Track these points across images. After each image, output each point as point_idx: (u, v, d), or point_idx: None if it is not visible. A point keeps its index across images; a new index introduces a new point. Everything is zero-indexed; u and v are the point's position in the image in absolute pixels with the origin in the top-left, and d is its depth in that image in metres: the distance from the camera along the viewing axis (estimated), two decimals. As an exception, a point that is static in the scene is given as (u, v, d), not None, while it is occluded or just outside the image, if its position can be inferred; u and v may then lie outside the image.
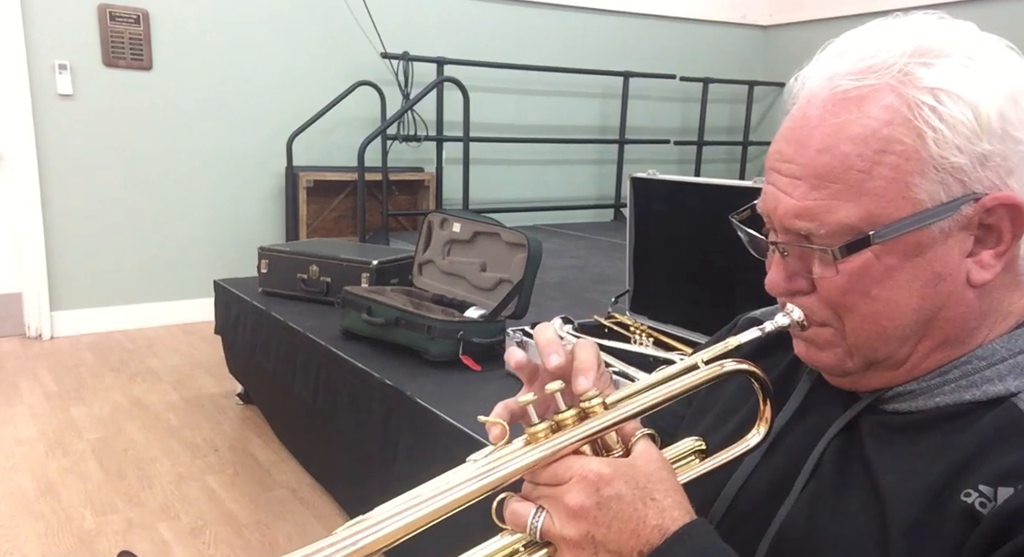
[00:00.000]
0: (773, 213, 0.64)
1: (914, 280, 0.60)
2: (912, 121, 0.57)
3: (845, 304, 0.62)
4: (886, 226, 0.58)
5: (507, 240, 2.24)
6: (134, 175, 4.02)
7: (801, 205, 0.61)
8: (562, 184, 5.44)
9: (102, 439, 2.74)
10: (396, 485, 0.64)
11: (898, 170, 0.58)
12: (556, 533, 0.58)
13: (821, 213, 0.60)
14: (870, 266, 0.60)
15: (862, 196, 0.59)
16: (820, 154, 0.60)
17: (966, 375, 0.62)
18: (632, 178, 2.12)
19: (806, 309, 0.66)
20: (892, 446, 0.63)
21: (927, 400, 0.63)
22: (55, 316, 3.93)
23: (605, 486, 0.57)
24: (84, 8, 3.79)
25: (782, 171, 0.63)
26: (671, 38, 5.66)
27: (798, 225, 0.61)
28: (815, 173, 0.60)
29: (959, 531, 0.55)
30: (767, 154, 0.66)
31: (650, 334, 2.02)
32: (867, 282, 0.61)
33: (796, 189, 0.61)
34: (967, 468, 0.58)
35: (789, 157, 0.62)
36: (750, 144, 6.02)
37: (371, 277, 2.64)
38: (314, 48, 4.37)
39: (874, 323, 0.62)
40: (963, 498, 0.56)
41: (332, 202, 4.43)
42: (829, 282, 0.62)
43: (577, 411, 0.62)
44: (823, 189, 0.60)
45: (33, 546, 2.08)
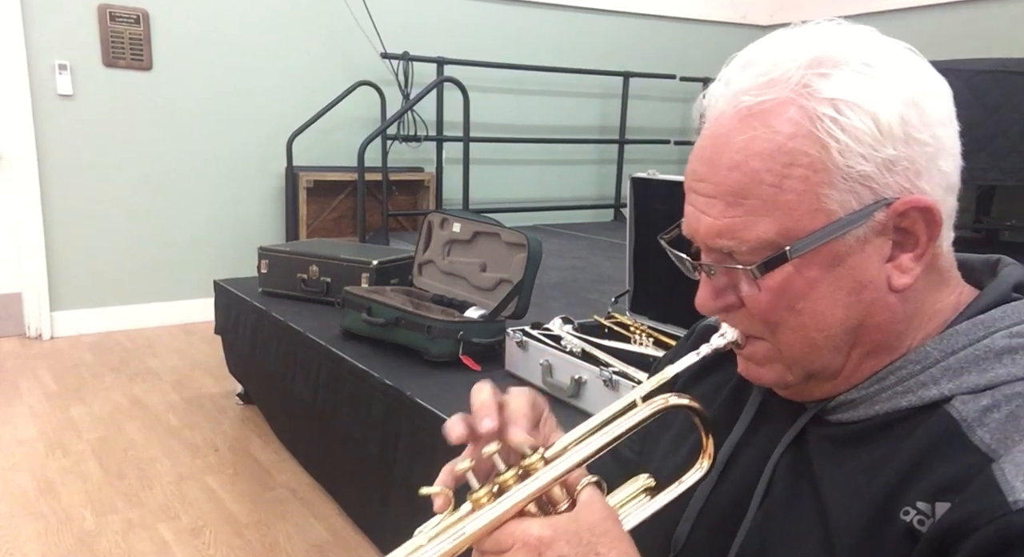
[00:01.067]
0: (695, 233, 0.64)
1: (837, 290, 0.60)
2: (815, 133, 0.58)
3: (774, 319, 0.63)
4: (801, 239, 0.59)
5: (507, 240, 2.24)
6: (134, 175, 4.02)
7: (720, 223, 0.61)
8: (562, 184, 5.44)
9: (102, 439, 2.74)
10: (396, 485, 0.64)
11: (807, 182, 0.58)
12: None
13: (739, 230, 0.60)
14: (791, 280, 0.60)
15: (776, 210, 0.59)
16: (731, 171, 0.60)
17: (902, 381, 0.62)
18: (632, 178, 2.12)
19: (739, 324, 0.66)
20: (837, 460, 0.63)
21: (867, 408, 0.63)
22: (55, 316, 3.93)
23: (547, 549, 0.56)
24: (84, 8, 3.79)
25: (698, 191, 0.63)
26: (671, 38, 5.66)
27: (719, 243, 0.62)
28: (728, 190, 0.60)
29: (899, 552, 0.55)
30: (685, 174, 0.66)
31: (650, 334, 2.02)
32: (791, 297, 0.61)
33: (713, 208, 0.62)
34: (905, 483, 0.57)
35: (703, 176, 0.63)
36: (750, 144, 6.02)
37: (371, 277, 2.64)
38: (314, 48, 4.37)
39: (804, 336, 0.62)
40: (902, 516, 0.56)
41: (332, 202, 4.43)
42: (755, 299, 0.63)
43: (517, 470, 0.61)
44: (738, 206, 0.60)
45: (33, 546, 2.08)
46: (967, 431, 0.57)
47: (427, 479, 0.66)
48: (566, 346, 1.87)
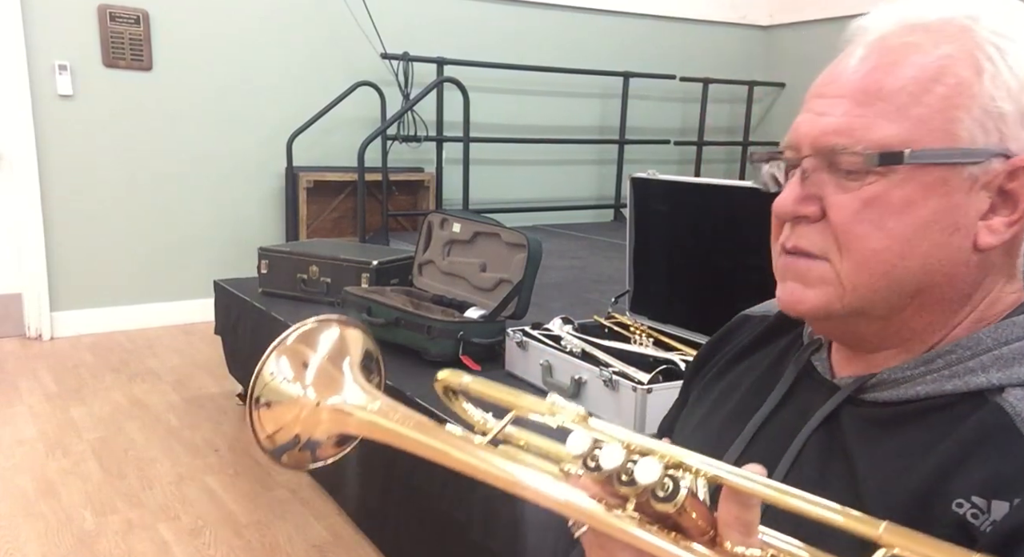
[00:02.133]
0: (805, 137, 0.63)
1: (932, 222, 0.59)
2: (974, 54, 0.58)
3: (856, 233, 0.60)
4: (922, 150, 0.58)
5: (507, 240, 2.24)
6: (134, 175, 4.02)
7: (842, 121, 0.60)
8: (562, 184, 5.44)
9: (102, 439, 2.74)
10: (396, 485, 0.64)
11: (947, 101, 0.58)
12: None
13: (860, 129, 0.59)
14: (892, 193, 0.59)
15: (905, 119, 0.58)
16: (873, 71, 0.60)
17: (949, 365, 0.61)
18: (632, 178, 2.12)
19: (809, 239, 0.64)
20: (874, 441, 0.62)
21: (909, 389, 0.62)
22: (55, 316, 3.93)
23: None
24: (84, 9, 3.79)
25: (826, 94, 0.62)
26: (671, 38, 5.66)
27: (834, 141, 0.60)
28: (863, 90, 0.60)
29: (951, 541, 0.54)
30: (809, 88, 0.65)
31: (650, 334, 2.02)
32: (885, 211, 0.59)
33: (838, 107, 0.61)
34: (953, 473, 0.56)
35: (836, 77, 0.62)
36: (750, 144, 6.02)
37: (371, 277, 2.64)
38: (314, 48, 4.37)
39: (882, 260, 0.60)
40: (955, 508, 0.55)
41: (332, 202, 4.43)
42: (844, 207, 0.61)
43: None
44: (868, 107, 0.59)
45: (33, 546, 2.08)
46: (1022, 426, 0.56)
47: (427, 478, 0.66)
48: (566, 346, 1.87)
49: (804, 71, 6.11)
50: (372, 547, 2.11)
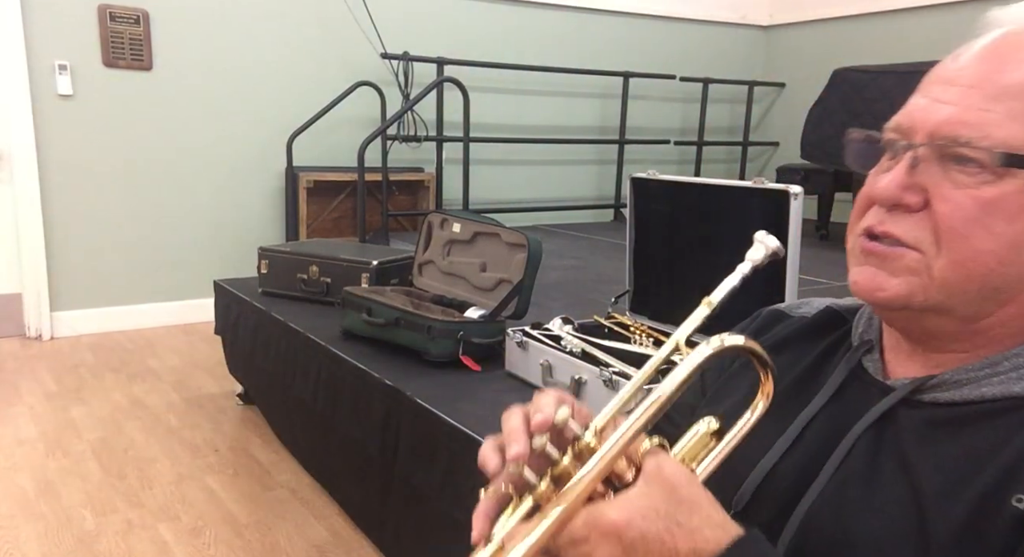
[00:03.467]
0: (923, 122, 0.60)
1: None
2: None
3: (962, 231, 0.58)
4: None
5: (507, 240, 2.24)
6: (134, 175, 4.02)
7: (970, 113, 0.57)
8: (562, 184, 5.44)
9: (102, 439, 2.74)
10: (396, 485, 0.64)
11: None
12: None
13: (987, 125, 0.56)
14: (1010, 197, 0.57)
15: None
16: (1007, 65, 0.57)
17: (1016, 368, 0.60)
18: (632, 178, 2.12)
19: (905, 228, 0.61)
20: (934, 442, 0.61)
21: (972, 390, 0.61)
22: (55, 316, 3.93)
23: (625, 531, 0.53)
24: (84, 8, 3.79)
25: (953, 81, 0.59)
26: (671, 38, 5.66)
27: (958, 131, 0.57)
28: (997, 84, 0.57)
29: (1008, 536, 0.54)
30: (932, 70, 0.62)
31: (650, 334, 2.02)
32: (999, 213, 0.57)
33: (967, 98, 0.58)
34: (1018, 471, 0.55)
35: (967, 64, 0.59)
36: (750, 144, 6.02)
37: (371, 277, 2.64)
38: (314, 48, 4.37)
39: (981, 262, 0.58)
40: (1014, 503, 0.54)
41: (332, 202, 4.43)
42: (956, 202, 0.58)
43: (571, 457, 0.58)
44: (999, 102, 0.57)
45: (33, 546, 2.08)
46: None
47: (427, 479, 0.66)
48: (566, 346, 1.87)
49: (804, 71, 6.14)
50: (372, 547, 2.11)
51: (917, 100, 0.62)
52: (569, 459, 0.58)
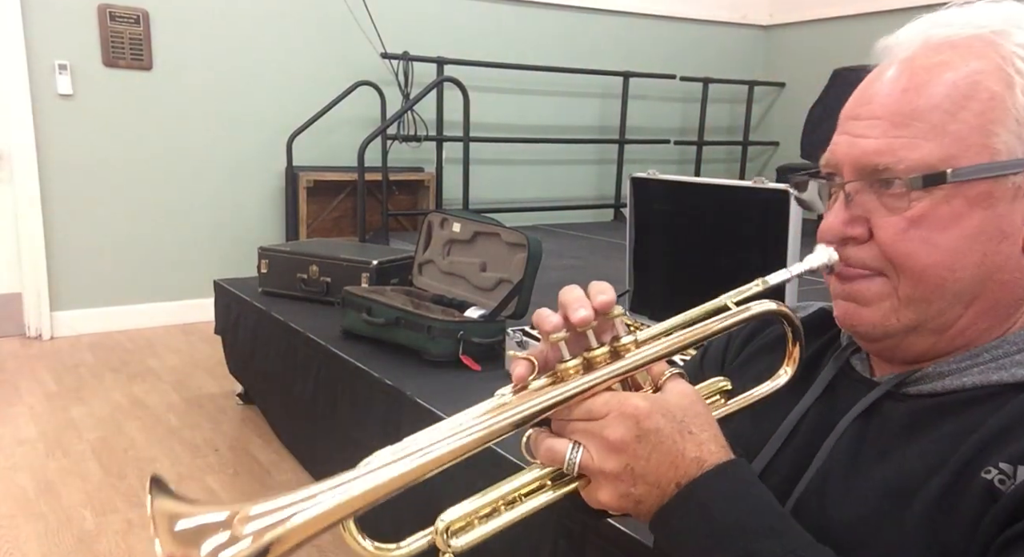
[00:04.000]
0: (845, 158, 0.64)
1: (980, 233, 0.60)
2: (1003, 69, 0.60)
3: (906, 251, 0.62)
4: (964, 168, 0.59)
5: (507, 240, 2.24)
6: (134, 175, 4.02)
7: (881, 142, 0.61)
8: (562, 184, 5.44)
9: (102, 439, 2.74)
10: (396, 485, 0.64)
11: (982, 117, 0.59)
12: (595, 467, 0.59)
13: (901, 149, 0.60)
14: (938, 210, 0.60)
15: (943, 137, 0.60)
16: (906, 93, 0.61)
17: (996, 358, 0.62)
18: (632, 178, 2.12)
19: (860, 258, 0.65)
20: (915, 431, 0.63)
21: (953, 380, 0.64)
22: (55, 316, 3.93)
23: (644, 419, 0.58)
24: (84, 8, 3.79)
25: (861, 116, 0.63)
26: (671, 38, 5.66)
27: (875, 161, 0.62)
28: (899, 111, 0.61)
29: (976, 507, 0.56)
30: (843, 109, 0.66)
31: (650, 334, 2.02)
32: (932, 228, 0.61)
33: (875, 129, 0.62)
34: (989, 447, 0.58)
35: (870, 99, 0.64)
36: (750, 144, 6.02)
37: (371, 277, 2.64)
38: (314, 48, 4.37)
39: (934, 274, 0.61)
40: (983, 475, 0.56)
41: (332, 202, 4.43)
42: (892, 225, 0.62)
43: (609, 349, 0.62)
44: (905, 128, 0.61)
45: (33, 546, 2.08)
46: None
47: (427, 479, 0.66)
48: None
49: (804, 71, 6.12)
50: (372, 547, 2.10)
51: (838, 137, 0.66)
52: (606, 351, 0.62)
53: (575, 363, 0.61)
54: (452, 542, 0.61)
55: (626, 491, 0.58)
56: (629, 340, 0.62)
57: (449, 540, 0.61)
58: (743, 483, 0.58)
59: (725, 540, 0.56)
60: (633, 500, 0.59)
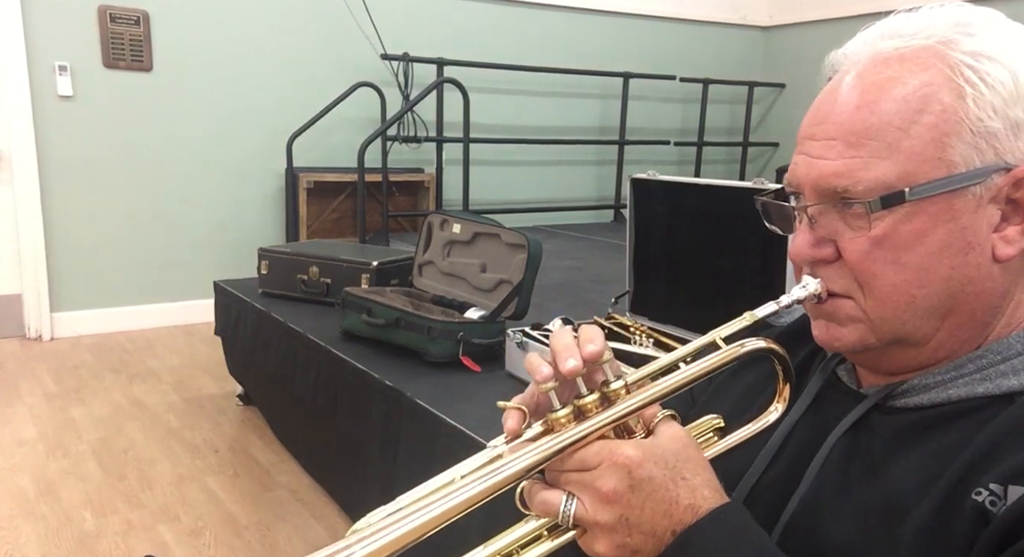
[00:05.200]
0: (805, 179, 0.64)
1: (945, 247, 0.60)
2: (953, 80, 0.59)
3: (872, 271, 0.61)
4: (921, 185, 0.59)
5: (507, 241, 2.24)
6: (134, 176, 4.02)
7: (837, 163, 0.61)
8: (562, 185, 5.45)
9: (102, 440, 2.74)
10: (396, 485, 0.64)
11: (935, 130, 0.59)
12: (590, 519, 0.58)
13: (858, 170, 0.60)
14: (900, 228, 0.60)
15: (898, 154, 0.59)
16: (858, 111, 0.61)
17: (980, 369, 0.62)
18: (632, 179, 2.12)
19: (829, 280, 0.65)
20: (905, 445, 0.63)
21: (939, 393, 0.63)
22: (55, 317, 3.93)
23: (636, 469, 0.57)
24: (84, 9, 3.79)
25: (816, 136, 0.63)
26: (671, 39, 5.66)
27: (833, 184, 0.61)
28: (852, 131, 0.61)
29: (969, 530, 0.55)
30: (800, 127, 0.66)
31: (650, 335, 2.02)
32: (897, 247, 0.60)
33: (831, 150, 0.62)
34: (979, 466, 0.57)
35: (823, 118, 0.63)
36: (750, 145, 6.02)
37: (371, 278, 2.64)
38: (314, 49, 4.37)
39: (903, 293, 0.61)
40: (974, 496, 0.56)
41: (332, 203, 4.43)
42: (857, 247, 0.62)
43: (599, 396, 0.61)
44: (860, 147, 0.60)
45: (33, 547, 2.08)
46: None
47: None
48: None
49: (804, 71, 6.11)
50: (372, 548, 2.10)
51: (796, 157, 0.66)
52: (596, 398, 0.61)
53: (566, 412, 0.61)
54: None
55: (622, 541, 0.58)
56: (619, 385, 0.62)
57: None
58: (738, 528, 0.58)
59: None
60: (630, 550, 0.58)
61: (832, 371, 0.73)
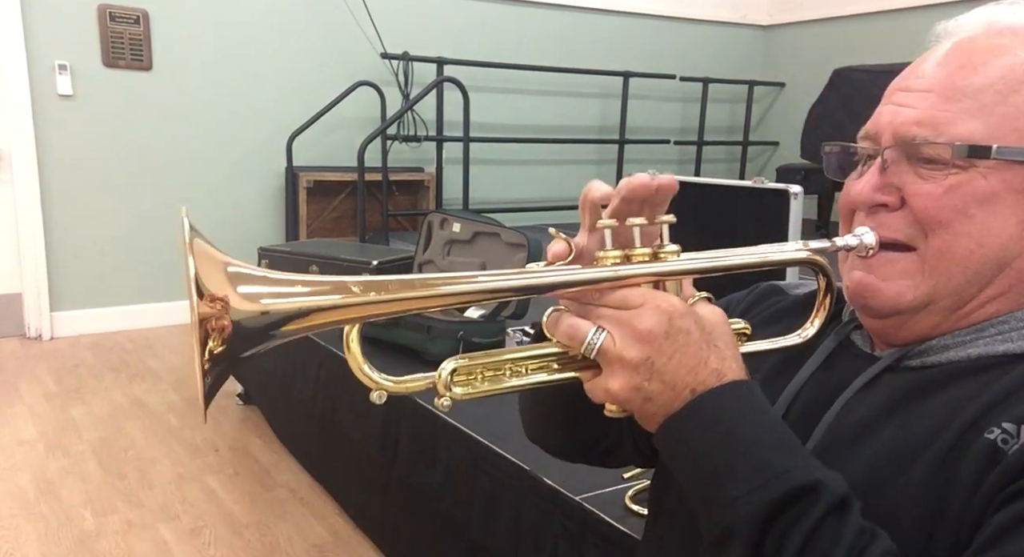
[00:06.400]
0: (887, 127, 0.64)
1: (1011, 216, 0.61)
2: None
3: (940, 219, 0.62)
4: (1008, 147, 0.60)
5: (507, 240, 2.24)
6: (134, 175, 4.02)
7: (926, 113, 0.62)
8: (562, 184, 5.44)
9: (102, 439, 2.74)
10: (396, 485, 0.64)
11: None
12: (615, 353, 0.57)
13: (944, 124, 0.61)
14: (976, 183, 0.61)
15: (990, 117, 0.60)
16: (962, 69, 0.62)
17: (1003, 332, 0.63)
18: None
19: (886, 227, 0.65)
20: (918, 400, 0.63)
21: (958, 352, 0.64)
22: (55, 316, 3.93)
23: (678, 318, 0.57)
24: (84, 8, 3.79)
25: (912, 88, 0.64)
26: (671, 38, 5.66)
27: (915, 131, 0.62)
28: (951, 86, 0.61)
29: (979, 467, 0.56)
30: (894, 81, 0.67)
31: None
32: (968, 198, 0.61)
33: (923, 101, 0.62)
34: (994, 409, 0.58)
35: (923, 73, 0.64)
36: (750, 144, 6.02)
37: (371, 277, 2.64)
38: (314, 48, 4.37)
39: (962, 244, 0.62)
40: (986, 435, 0.56)
41: (332, 202, 4.43)
42: (927, 192, 0.62)
43: (651, 251, 0.61)
44: (954, 103, 0.61)
45: (33, 547, 2.08)
46: None
47: (427, 479, 0.66)
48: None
49: (804, 71, 6.10)
50: (372, 547, 2.11)
51: (882, 108, 0.67)
52: (647, 251, 0.61)
53: (616, 254, 0.60)
54: (452, 389, 0.62)
55: (639, 384, 0.57)
56: (673, 248, 0.62)
57: (450, 386, 0.62)
58: (759, 401, 0.58)
59: (737, 450, 0.56)
60: (643, 395, 0.58)
61: (847, 336, 0.73)
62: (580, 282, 0.59)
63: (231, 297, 0.56)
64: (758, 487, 0.54)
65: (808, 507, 0.53)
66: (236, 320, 0.56)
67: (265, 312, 0.57)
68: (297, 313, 0.57)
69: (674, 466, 0.60)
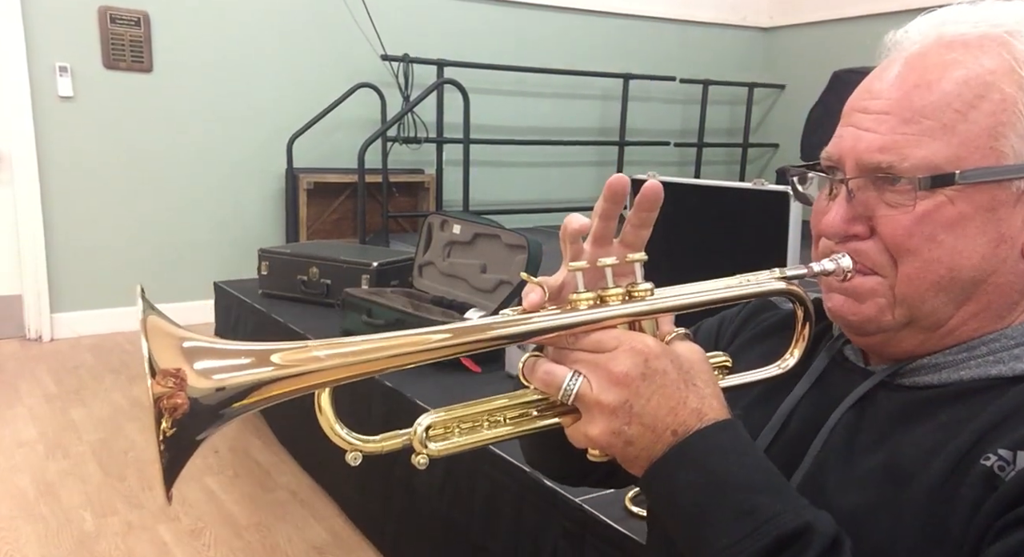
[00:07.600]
0: (849, 152, 0.63)
1: (980, 235, 0.60)
2: (1016, 71, 0.59)
3: (908, 247, 0.61)
4: (971, 170, 0.59)
5: (507, 242, 2.24)
6: (134, 177, 4.02)
7: (887, 139, 0.61)
8: (562, 186, 5.44)
9: (102, 441, 2.74)
10: (396, 486, 0.64)
11: (993, 118, 0.59)
12: (592, 398, 0.57)
13: (907, 147, 0.60)
14: (943, 209, 0.60)
15: (951, 137, 0.59)
16: (917, 88, 0.60)
17: (994, 352, 0.62)
18: (632, 180, 2.11)
19: (859, 255, 0.64)
20: (911, 421, 0.63)
21: (951, 373, 0.63)
22: (55, 318, 3.93)
23: (654, 359, 0.57)
24: (84, 10, 3.79)
25: (869, 109, 0.63)
26: (671, 40, 5.66)
27: (878, 159, 0.61)
28: (908, 107, 0.60)
29: (976, 494, 0.55)
30: (849, 99, 0.66)
31: (650, 336, 2.02)
32: (936, 225, 0.60)
33: (883, 124, 0.61)
34: (989, 434, 0.57)
35: (879, 93, 0.62)
36: (750, 146, 6.02)
37: (371, 279, 2.64)
38: (314, 50, 4.37)
39: (932, 271, 0.61)
40: (982, 461, 0.56)
41: (332, 204, 4.43)
42: (896, 222, 0.61)
43: (624, 291, 0.61)
44: (914, 124, 0.60)
45: (33, 548, 2.08)
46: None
47: (427, 479, 0.66)
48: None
49: (804, 73, 6.09)
50: (372, 548, 2.11)
51: (841, 130, 0.65)
52: (621, 291, 0.61)
53: (589, 296, 0.60)
54: (429, 445, 0.60)
55: (619, 428, 0.56)
56: (646, 287, 0.62)
57: (426, 443, 0.60)
58: (741, 441, 0.58)
59: (723, 494, 0.55)
60: (624, 439, 0.57)
61: (839, 351, 0.73)
62: (552, 329, 0.58)
63: (188, 374, 0.55)
64: (747, 536, 0.53)
65: (800, 552, 0.53)
66: (194, 397, 0.55)
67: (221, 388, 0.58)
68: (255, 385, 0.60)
69: (661, 511, 0.59)
